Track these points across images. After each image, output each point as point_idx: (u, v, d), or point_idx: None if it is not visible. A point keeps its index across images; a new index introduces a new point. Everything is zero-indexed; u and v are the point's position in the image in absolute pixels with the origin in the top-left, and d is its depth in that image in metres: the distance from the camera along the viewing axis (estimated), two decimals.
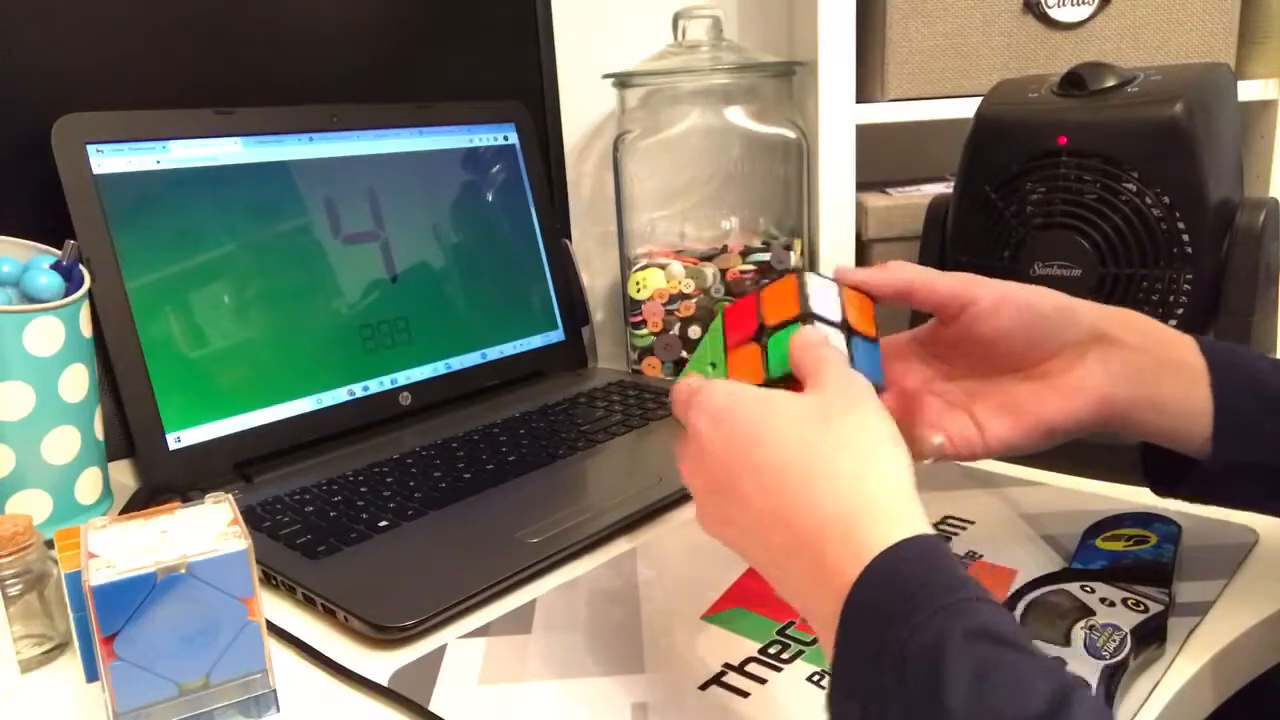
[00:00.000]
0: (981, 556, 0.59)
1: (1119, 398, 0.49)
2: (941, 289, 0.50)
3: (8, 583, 0.53)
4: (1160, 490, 0.54)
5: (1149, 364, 0.49)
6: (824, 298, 0.47)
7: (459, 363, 0.91)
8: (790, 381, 0.44)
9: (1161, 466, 0.53)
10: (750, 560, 0.42)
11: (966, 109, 0.80)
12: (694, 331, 0.98)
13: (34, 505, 0.66)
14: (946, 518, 0.64)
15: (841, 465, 0.38)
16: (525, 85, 1.04)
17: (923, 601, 0.32)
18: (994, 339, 0.51)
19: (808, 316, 0.46)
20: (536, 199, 0.99)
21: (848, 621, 0.34)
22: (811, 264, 1.00)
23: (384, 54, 0.95)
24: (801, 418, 0.40)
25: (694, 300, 0.98)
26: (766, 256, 0.99)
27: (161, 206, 0.75)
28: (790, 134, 1.00)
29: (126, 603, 0.44)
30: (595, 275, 1.15)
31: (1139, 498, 0.65)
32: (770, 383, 0.45)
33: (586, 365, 1.02)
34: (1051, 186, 0.71)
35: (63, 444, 0.67)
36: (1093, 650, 0.46)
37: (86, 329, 0.69)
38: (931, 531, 0.36)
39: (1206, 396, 0.48)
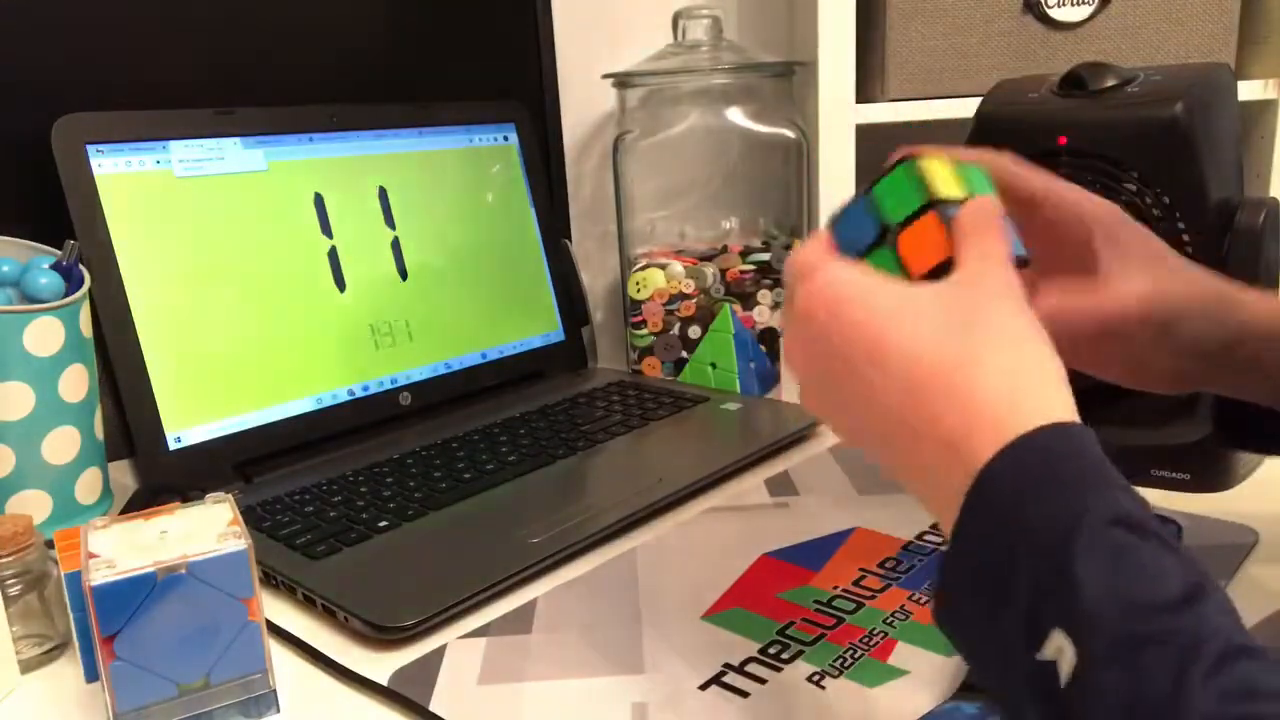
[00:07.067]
0: None
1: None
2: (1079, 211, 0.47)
3: (8, 583, 0.53)
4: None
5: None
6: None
7: (459, 363, 0.91)
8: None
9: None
10: (854, 440, 0.40)
11: (966, 109, 0.80)
12: (694, 331, 0.98)
13: (34, 505, 0.66)
14: None
15: (994, 358, 0.35)
16: (525, 85, 1.04)
17: (1064, 482, 0.31)
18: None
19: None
20: (536, 199, 0.99)
21: (978, 494, 0.32)
22: None
23: (384, 54, 0.95)
24: (946, 308, 0.37)
25: (694, 300, 0.98)
26: (766, 256, 0.99)
27: (161, 206, 0.75)
28: (790, 134, 1.00)
29: (126, 603, 0.44)
30: (595, 275, 1.15)
31: None
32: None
33: (586, 365, 1.02)
34: None
35: (63, 444, 0.67)
36: None
37: (86, 329, 0.69)
38: (1079, 423, 0.34)
39: None
